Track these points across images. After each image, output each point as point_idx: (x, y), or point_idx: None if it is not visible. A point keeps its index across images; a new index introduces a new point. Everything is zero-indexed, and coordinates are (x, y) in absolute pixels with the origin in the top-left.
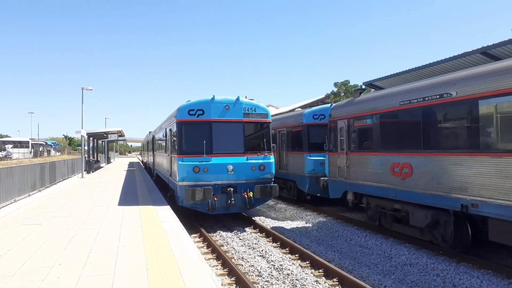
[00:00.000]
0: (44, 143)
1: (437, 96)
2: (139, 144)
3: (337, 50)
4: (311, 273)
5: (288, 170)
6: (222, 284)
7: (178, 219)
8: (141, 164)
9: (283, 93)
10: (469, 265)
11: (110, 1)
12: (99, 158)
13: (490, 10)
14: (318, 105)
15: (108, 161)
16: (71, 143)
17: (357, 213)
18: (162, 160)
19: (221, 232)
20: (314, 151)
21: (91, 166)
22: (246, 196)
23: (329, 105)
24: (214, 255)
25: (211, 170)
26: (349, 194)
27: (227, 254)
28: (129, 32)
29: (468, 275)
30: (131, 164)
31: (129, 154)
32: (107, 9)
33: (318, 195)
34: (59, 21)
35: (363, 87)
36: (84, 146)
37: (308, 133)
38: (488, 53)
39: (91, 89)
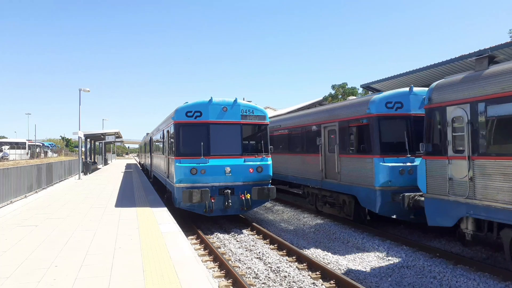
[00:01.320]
0: (41, 144)
1: None
2: (137, 146)
3: (334, 52)
4: (308, 275)
5: (341, 180)
6: (219, 286)
7: (175, 221)
8: (139, 165)
9: (281, 95)
10: (466, 267)
11: (107, 1)
12: (96, 160)
13: (487, 10)
14: (316, 107)
15: (106, 163)
16: (68, 145)
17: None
18: (159, 162)
19: (218, 234)
20: (389, 154)
21: (88, 167)
22: (243, 198)
23: (407, 89)
24: (211, 257)
25: (208, 172)
26: (469, 222)
27: (224, 256)
28: (126, 32)
29: (465, 278)
30: (128, 166)
31: (127, 156)
32: (104, 8)
33: (394, 217)
34: (56, 21)
35: (360, 89)
36: (81, 147)
37: (379, 128)
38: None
39: (88, 90)
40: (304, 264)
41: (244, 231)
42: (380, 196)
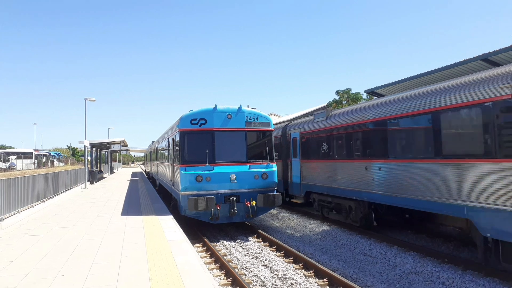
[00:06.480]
0: (47, 154)
1: None
2: (142, 154)
3: (338, 57)
4: (315, 282)
5: None
6: None
7: (181, 229)
8: (144, 174)
9: (285, 101)
10: (475, 273)
11: (112, 9)
12: (102, 168)
13: (492, 14)
14: None
15: (111, 171)
16: (75, 154)
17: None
18: (165, 170)
19: (224, 241)
20: None
21: (94, 176)
22: (249, 205)
23: None
24: (217, 264)
25: (213, 179)
26: None
27: (230, 263)
28: (130, 40)
29: (474, 283)
30: (134, 174)
31: (132, 164)
32: (109, 17)
33: None
34: (61, 29)
35: (365, 94)
36: (87, 156)
37: None
38: (489, 60)
39: (94, 100)
40: (311, 271)
41: (250, 238)
42: None
